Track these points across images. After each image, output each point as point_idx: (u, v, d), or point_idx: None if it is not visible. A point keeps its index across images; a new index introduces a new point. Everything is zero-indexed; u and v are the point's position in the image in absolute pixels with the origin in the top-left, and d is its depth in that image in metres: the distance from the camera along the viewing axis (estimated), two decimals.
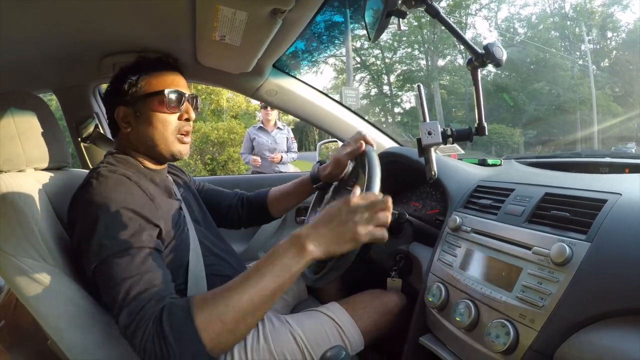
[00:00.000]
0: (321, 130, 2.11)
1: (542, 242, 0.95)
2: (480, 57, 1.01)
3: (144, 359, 0.90)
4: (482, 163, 1.60)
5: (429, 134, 1.09)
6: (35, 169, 1.25)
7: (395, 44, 31.75)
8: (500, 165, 1.58)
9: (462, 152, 2.04)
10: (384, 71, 33.32)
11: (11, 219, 1.06)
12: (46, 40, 1.45)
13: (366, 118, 2.14)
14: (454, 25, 1.02)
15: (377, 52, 32.64)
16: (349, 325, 1.29)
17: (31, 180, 1.14)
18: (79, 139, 1.93)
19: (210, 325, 0.91)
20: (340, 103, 2.09)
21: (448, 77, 32.00)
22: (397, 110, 35.71)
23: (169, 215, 1.18)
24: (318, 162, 1.59)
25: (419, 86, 1.19)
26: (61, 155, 1.32)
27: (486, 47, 1.00)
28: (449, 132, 1.12)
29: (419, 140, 1.12)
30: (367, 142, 1.35)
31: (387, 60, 32.76)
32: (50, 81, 1.83)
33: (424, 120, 1.13)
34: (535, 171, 1.42)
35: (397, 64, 33.10)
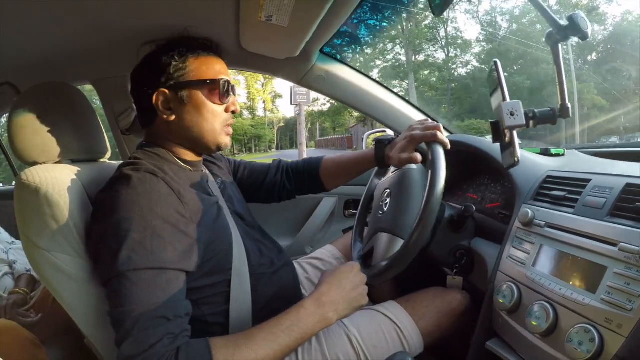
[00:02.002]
0: (372, 118, 2.07)
1: (629, 237, 0.89)
2: (563, 29, 0.96)
3: None
4: (545, 152, 1.54)
5: (512, 114, 1.04)
6: (72, 160, 1.25)
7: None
8: (563, 155, 1.52)
9: (520, 141, 1.98)
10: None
11: (45, 213, 1.05)
12: (85, 32, 1.46)
13: (421, 108, 2.10)
14: None
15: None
16: (408, 326, 1.26)
17: (67, 172, 1.14)
18: (119, 129, 1.96)
19: None
20: (391, 90, 2.05)
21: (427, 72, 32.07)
22: None
23: (204, 213, 1.14)
24: (380, 140, 1.48)
25: (495, 62, 1.14)
26: (98, 147, 1.34)
27: (570, 18, 0.94)
28: (530, 114, 1.06)
29: (495, 124, 1.07)
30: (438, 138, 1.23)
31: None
32: (89, 72, 1.86)
33: (504, 99, 1.07)
34: (606, 161, 1.36)
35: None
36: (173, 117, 1.19)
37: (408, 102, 2.07)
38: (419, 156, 1.27)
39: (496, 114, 1.13)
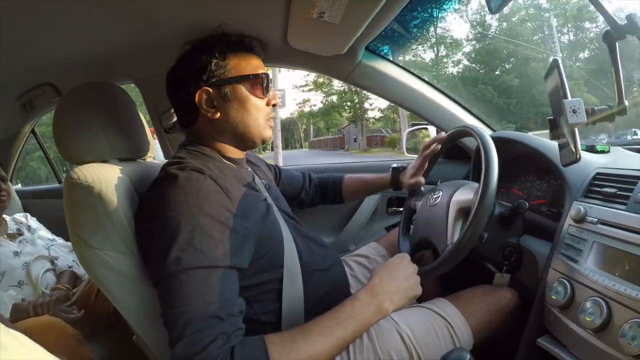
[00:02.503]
0: (418, 116, 2.08)
1: None
2: (621, 28, 0.97)
3: None
4: (591, 149, 1.54)
5: (574, 112, 1.05)
6: (120, 159, 1.29)
7: None
8: (609, 151, 1.51)
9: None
10: None
11: (99, 212, 1.07)
12: (129, 32, 1.50)
13: (463, 104, 2.10)
14: None
15: None
16: (459, 323, 1.27)
17: (116, 171, 1.16)
18: (163, 128, 2.01)
19: None
20: (436, 88, 2.05)
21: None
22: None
23: (252, 210, 1.14)
24: (396, 168, 1.74)
25: (555, 60, 1.15)
26: (143, 145, 1.38)
27: (629, 17, 0.95)
28: (590, 112, 1.08)
29: (552, 121, 1.09)
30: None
31: None
32: (131, 72, 1.90)
33: (565, 97, 1.09)
34: None
35: None
36: (218, 115, 1.22)
37: (454, 100, 2.07)
38: (421, 180, 1.52)
39: (554, 112, 1.14)
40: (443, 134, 1.59)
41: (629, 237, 1.03)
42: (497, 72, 27.70)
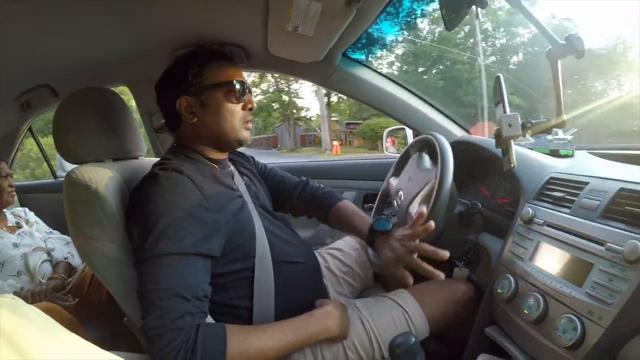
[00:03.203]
0: (393, 119, 2.13)
1: (615, 238, 0.95)
2: (561, 48, 1.04)
3: (159, 355, 0.98)
4: (554, 154, 1.60)
5: (510, 125, 1.13)
6: (114, 159, 1.38)
7: None
8: (572, 156, 1.57)
9: (532, 140, 2.01)
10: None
11: (96, 207, 1.18)
12: (122, 39, 1.57)
13: (438, 107, 2.15)
14: (535, 16, 1.05)
15: None
16: (416, 312, 1.36)
17: (111, 170, 1.26)
18: (153, 129, 2.07)
19: (238, 359, 1.03)
20: (412, 91, 2.10)
21: None
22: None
23: (225, 205, 1.24)
24: (374, 230, 1.43)
25: (498, 77, 1.22)
26: (137, 146, 1.46)
27: (568, 38, 1.02)
28: (528, 125, 1.15)
29: (498, 131, 1.16)
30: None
31: None
32: (124, 76, 1.96)
33: (505, 112, 1.17)
34: (610, 164, 1.41)
35: None
36: (195, 120, 1.32)
37: (428, 102, 2.13)
38: (409, 280, 1.28)
39: (498, 124, 1.22)
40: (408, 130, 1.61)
41: (569, 239, 1.09)
42: (425, 76, 27.26)
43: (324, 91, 29.04)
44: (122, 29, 1.51)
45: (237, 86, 1.32)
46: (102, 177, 1.21)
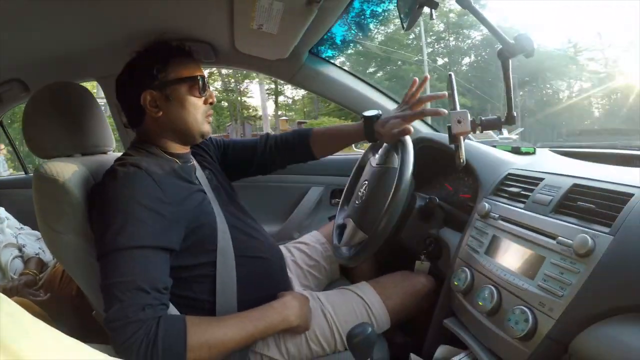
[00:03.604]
0: (358, 115, 2.08)
1: (566, 232, 0.96)
2: (512, 47, 1.04)
3: (120, 352, 0.98)
4: (516, 151, 1.61)
5: (459, 122, 1.13)
6: (83, 154, 1.35)
7: None
8: (533, 153, 1.58)
9: (497, 138, 2.03)
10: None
11: (63, 201, 1.16)
12: (90, 32, 1.53)
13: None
14: (485, 16, 1.05)
15: None
16: (376, 304, 1.36)
17: (79, 165, 1.24)
18: (123, 124, 2.02)
19: (198, 350, 1.03)
20: (377, 88, 2.10)
21: None
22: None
23: (184, 199, 1.22)
24: (369, 117, 1.51)
25: (449, 75, 1.22)
26: (105, 140, 1.43)
27: (517, 38, 1.02)
28: (478, 121, 1.15)
29: (449, 128, 1.16)
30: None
31: None
32: (93, 70, 1.92)
33: (454, 108, 1.17)
34: (568, 161, 1.41)
35: None
36: (160, 114, 1.29)
37: (395, 100, 2.11)
38: (411, 128, 1.37)
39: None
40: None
41: (521, 233, 1.09)
42: (375, 76, 27.22)
43: (266, 89, 28.95)
44: (91, 23, 1.48)
45: (200, 81, 1.31)
46: (70, 171, 1.19)
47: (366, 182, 1.52)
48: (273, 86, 30.10)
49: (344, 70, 2.04)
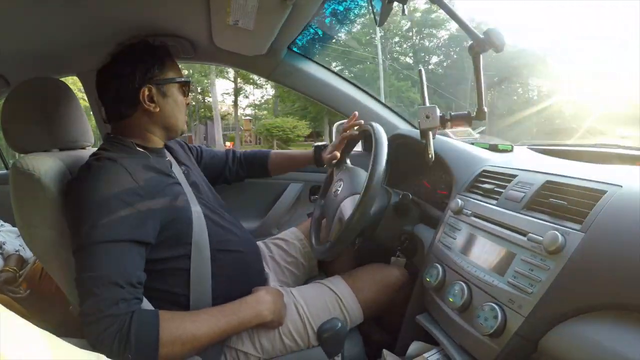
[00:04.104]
0: (337, 112, 2.08)
1: (537, 229, 0.93)
2: (482, 42, 1.00)
3: (94, 345, 0.96)
4: (493, 148, 1.58)
5: (427, 117, 1.09)
6: (60, 149, 1.32)
7: None
8: (511, 151, 1.55)
9: (477, 136, 2.00)
10: None
11: (39, 196, 1.13)
12: (69, 29, 1.49)
13: (382, 100, 2.11)
14: (455, 11, 1.01)
15: None
16: (348, 297, 1.34)
17: (56, 160, 1.20)
18: (102, 119, 1.97)
19: (171, 345, 1.01)
20: (356, 85, 2.06)
21: None
22: None
23: (159, 192, 1.20)
24: (318, 145, 1.73)
25: (420, 71, 1.19)
26: (84, 136, 1.39)
27: (486, 33, 0.98)
28: (447, 116, 1.11)
29: (419, 124, 1.12)
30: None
31: None
32: (73, 66, 1.87)
33: (423, 104, 1.13)
34: (543, 158, 1.39)
35: None
36: (157, 109, 1.29)
37: (373, 97, 2.09)
38: (337, 154, 1.54)
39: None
40: (362, 121, 1.61)
41: (494, 229, 1.06)
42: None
43: (217, 89, 28.85)
44: (72, 19, 1.42)
45: (189, 84, 1.38)
46: (47, 166, 1.16)
47: (342, 178, 1.48)
48: (240, 84, 29.74)
49: (324, 67, 2.00)
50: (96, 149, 1.35)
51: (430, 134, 1.11)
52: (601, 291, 0.77)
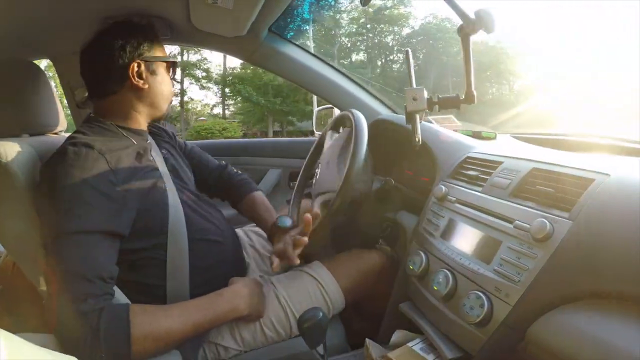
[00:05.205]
0: (318, 96, 2.05)
1: (524, 216, 0.91)
2: (472, 23, 0.96)
3: (64, 345, 0.92)
4: (477, 136, 1.56)
5: (414, 99, 1.05)
6: (31, 134, 1.25)
7: None
8: (494, 138, 1.54)
9: (459, 124, 1.98)
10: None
11: (6, 184, 1.06)
12: (44, 10, 1.41)
13: (363, 85, 2.08)
14: None
15: None
16: (330, 283, 1.31)
17: (26, 146, 1.14)
18: (76, 104, 1.90)
19: (144, 341, 0.95)
20: (338, 70, 2.03)
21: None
22: None
23: (137, 180, 1.13)
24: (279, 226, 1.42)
25: (407, 52, 1.15)
26: (55, 121, 1.33)
27: (477, 13, 0.94)
28: (435, 99, 1.08)
29: (405, 107, 1.09)
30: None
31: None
32: (46, 48, 1.79)
33: (411, 85, 1.09)
34: (528, 146, 1.38)
35: None
36: (147, 86, 1.24)
37: (353, 80, 2.05)
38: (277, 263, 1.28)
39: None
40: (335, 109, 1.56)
41: (479, 216, 1.04)
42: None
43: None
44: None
45: (175, 66, 1.35)
46: (14, 152, 1.09)
47: (321, 162, 1.44)
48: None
49: (306, 51, 1.96)
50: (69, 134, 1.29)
51: (418, 117, 1.07)
52: (588, 280, 0.76)
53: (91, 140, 1.10)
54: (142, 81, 1.22)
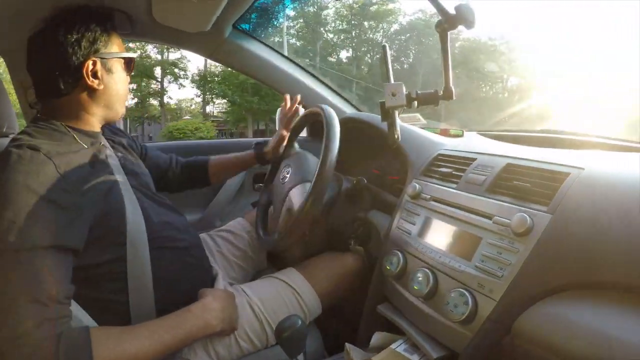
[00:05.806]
0: (282, 94, 2.01)
1: (502, 212, 0.92)
2: (452, 18, 0.95)
3: None
4: (444, 133, 1.57)
5: (393, 95, 1.03)
6: None
7: None
8: (462, 136, 1.54)
9: (425, 122, 2.00)
10: None
11: None
12: None
13: (328, 83, 2.07)
14: None
15: None
16: (306, 290, 1.27)
17: None
18: (29, 104, 1.80)
19: None
20: (303, 68, 2.01)
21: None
22: None
23: (91, 187, 1.00)
24: (259, 143, 1.66)
25: (384, 47, 1.13)
26: (6, 122, 1.25)
27: (458, 8, 0.93)
28: (413, 95, 1.06)
29: (382, 103, 1.06)
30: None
31: None
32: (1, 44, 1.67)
33: (388, 81, 1.07)
34: (497, 143, 1.38)
35: None
36: (102, 86, 1.12)
37: (320, 80, 2.04)
38: (284, 134, 1.53)
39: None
40: (300, 107, 1.56)
41: (455, 213, 1.04)
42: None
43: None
44: None
45: (133, 62, 1.24)
46: None
47: (290, 163, 1.41)
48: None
49: (271, 48, 1.93)
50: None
51: (396, 113, 1.05)
52: (570, 271, 0.77)
53: (38, 142, 0.97)
54: (97, 81, 1.10)
